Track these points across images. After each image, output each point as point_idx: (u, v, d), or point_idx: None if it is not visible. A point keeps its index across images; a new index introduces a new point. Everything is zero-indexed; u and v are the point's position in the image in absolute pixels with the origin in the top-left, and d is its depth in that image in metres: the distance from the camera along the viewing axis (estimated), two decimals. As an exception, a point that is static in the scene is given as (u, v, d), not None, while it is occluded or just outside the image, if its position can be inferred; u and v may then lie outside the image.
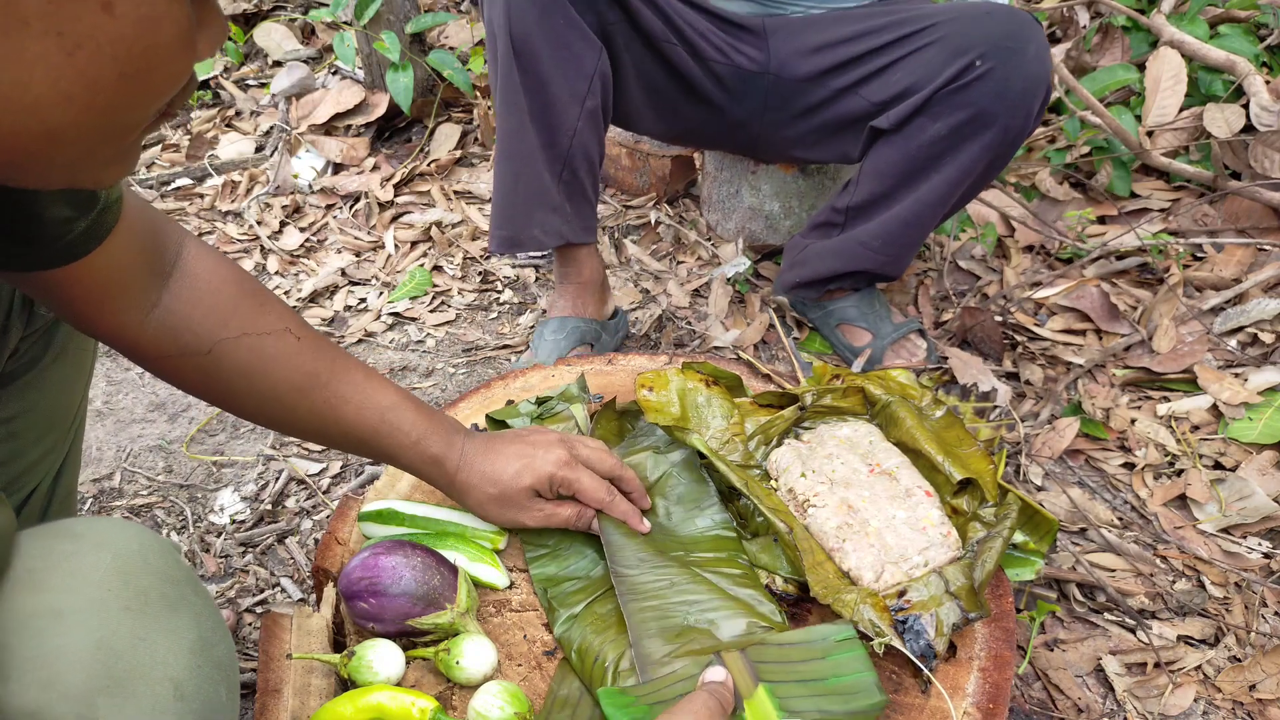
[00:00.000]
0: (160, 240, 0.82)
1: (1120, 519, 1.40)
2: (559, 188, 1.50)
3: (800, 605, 1.01)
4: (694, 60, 1.52)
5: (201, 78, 2.95)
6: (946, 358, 1.69)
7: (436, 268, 2.13)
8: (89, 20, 0.41)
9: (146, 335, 0.82)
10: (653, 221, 2.21)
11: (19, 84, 0.42)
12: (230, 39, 2.96)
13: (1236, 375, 1.62)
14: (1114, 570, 1.33)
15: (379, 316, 1.99)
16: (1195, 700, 1.17)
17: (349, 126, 2.62)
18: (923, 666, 0.89)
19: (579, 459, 1.01)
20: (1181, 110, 2.07)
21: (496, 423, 1.22)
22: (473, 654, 0.92)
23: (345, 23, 2.53)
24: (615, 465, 1.04)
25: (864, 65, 1.48)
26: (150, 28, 0.43)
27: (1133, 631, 1.25)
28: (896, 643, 0.90)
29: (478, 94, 2.56)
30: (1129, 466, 1.49)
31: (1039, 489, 1.44)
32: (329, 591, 1.01)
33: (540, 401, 1.25)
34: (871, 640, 0.90)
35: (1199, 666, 1.20)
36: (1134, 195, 2.08)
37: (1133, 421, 1.56)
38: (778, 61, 1.53)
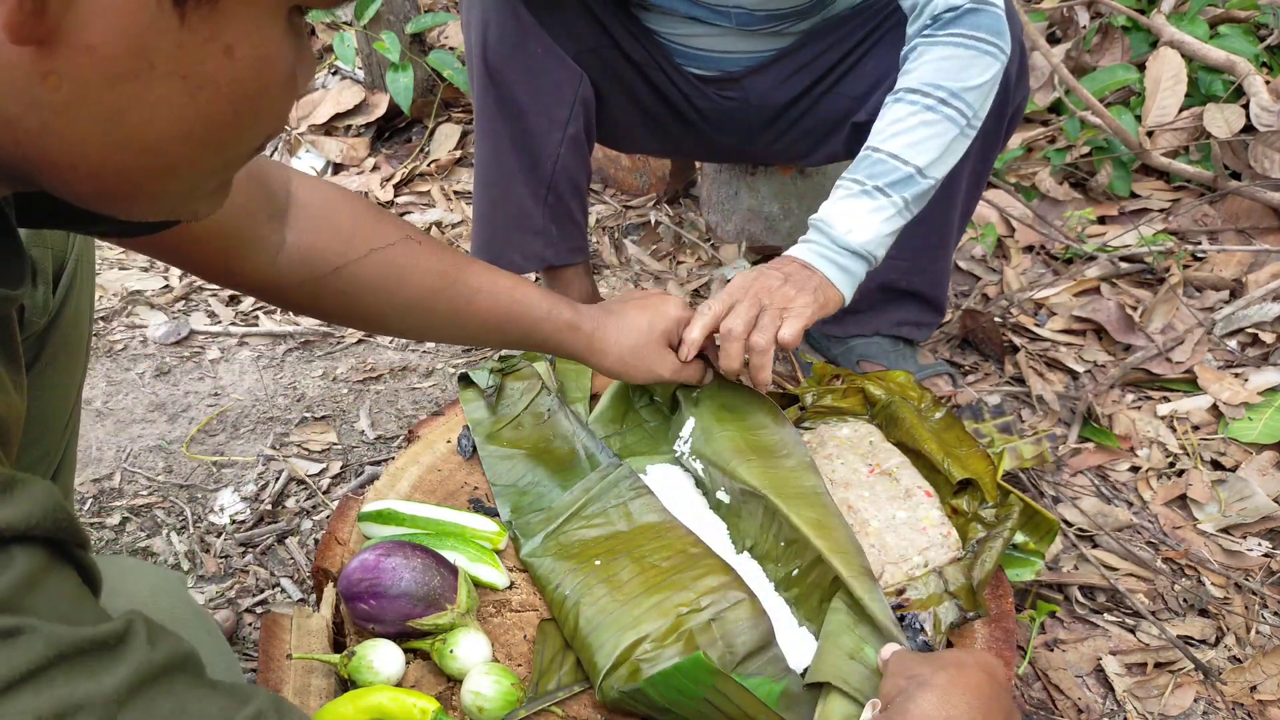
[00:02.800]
0: (269, 185, 0.85)
1: (1128, 523, 1.40)
2: (544, 211, 1.51)
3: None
4: (677, 91, 1.53)
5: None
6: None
7: (436, 268, 2.13)
8: (211, 64, 0.43)
9: (278, 274, 0.87)
10: (653, 222, 2.21)
11: (142, 124, 0.44)
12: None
13: (1236, 375, 1.62)
14: (1116, 570, 1.33)
15: (379, 317, 1.99)
16: (1195, 700, 1.17)
17: (349, 126, 2.62)
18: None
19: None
20: (1181, 110, 2.07)
21: (468, 381, 1.30)
22: (467, 646, 0.93)
23: (345, 23, 2.53)
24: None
25: (840, 67, 1.47)
26: (265, 68, 0.46)
27: (1132, 631, 1.25)
28: (898, 636, 0.90)
29: (478, 94, 2.56)
30: (1135, 470, 1.49)
31: (1055, 500, 1.43)
32: (329, 592, 1.02)
33: (503, 359, 1.32)
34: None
35: (1198, 666, 1.20)
36: (1134, 195, 2.08)
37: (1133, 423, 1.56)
38: (757, 96, 1.53)
